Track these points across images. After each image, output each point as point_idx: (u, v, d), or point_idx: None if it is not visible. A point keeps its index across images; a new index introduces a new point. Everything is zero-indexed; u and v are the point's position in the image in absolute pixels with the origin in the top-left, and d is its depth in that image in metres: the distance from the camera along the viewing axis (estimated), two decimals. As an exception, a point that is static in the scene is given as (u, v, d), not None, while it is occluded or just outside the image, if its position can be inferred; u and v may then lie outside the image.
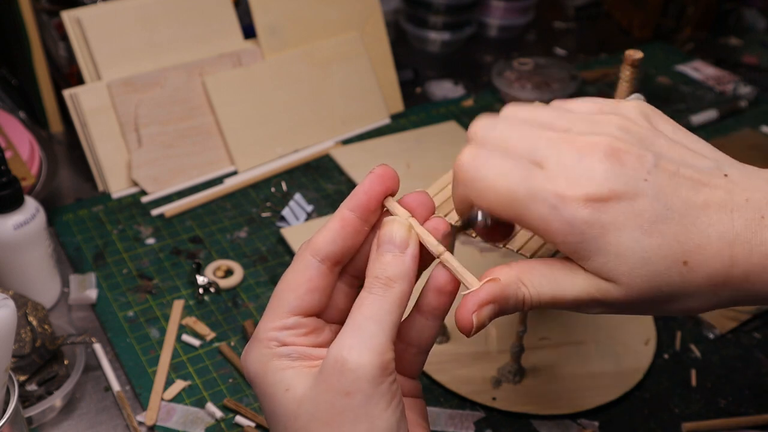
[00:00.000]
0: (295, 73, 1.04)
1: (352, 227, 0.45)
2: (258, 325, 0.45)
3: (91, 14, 0.94)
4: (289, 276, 0.45)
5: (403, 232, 0.44)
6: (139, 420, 0.70)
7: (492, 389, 0.74)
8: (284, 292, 0.45)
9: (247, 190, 0.97)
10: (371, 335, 0.41)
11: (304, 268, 0.45)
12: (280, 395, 0.42)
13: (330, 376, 0.40)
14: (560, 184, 0.41)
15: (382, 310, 0.42)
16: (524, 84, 1.17)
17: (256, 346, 0.44)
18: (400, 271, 0.43)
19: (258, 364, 0.44)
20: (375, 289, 0.42)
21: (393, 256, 0.43)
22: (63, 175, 0.98)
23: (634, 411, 0.74)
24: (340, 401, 0.40)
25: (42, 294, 0.79)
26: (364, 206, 0.45)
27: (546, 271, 0.44)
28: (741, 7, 1.42)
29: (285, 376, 0.42)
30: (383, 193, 0.45)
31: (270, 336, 0.44)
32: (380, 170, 0.46)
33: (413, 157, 1.02)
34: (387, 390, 0.41)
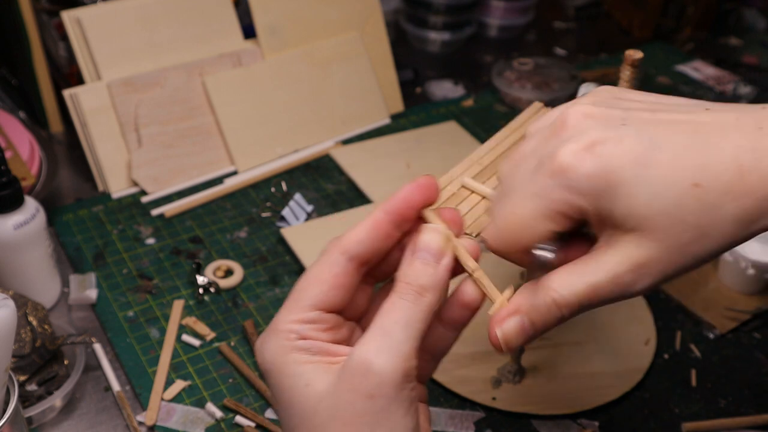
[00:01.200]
0: (295, 73, 1.04)
1: (384, 231, 0.45)
2: (277, 315, 0.45)
3: (91, 14, 0.94)
4: (315, 270, 0.45)
5: (442, 242, 0.44)
6: (139, 420, 0.70)
7: (492, 389, 0.74)
8: (309, 285, 0.44)
9: (247, 190, 0.97)
10: (399, 341, 0.41)
11: (332, 264, 0.44)
12: (300, 389, 0.42)
13: (353, 377, 0.41)
14: (551, 164, 0.42)
15: (412, 318, 0.42)
16: (524, 84, 1.17)
17: (274, 337, 0.44)
18: (434, 282, 0.43)
19: (275, 355, 0.43)
20: (407, 295, 0.42)
21: (427, 265, 0.43)
22: (63, 175, 0.98)
23: (634, 411, 0.74)
24: (362, 403, 0.40)
25: (42, 294, 0.79)
26: (400, 213, 0.45)
27: (571, 267, 0.44)
28: (741, 7, 1.42)
29: (305, 370, 0.42)
30: (422, 203, 0.45)
31: (290, 328, 0.44)
32: (424, 180, 0.46)
33: (413, 157, 1.02)
34: (407, 396, 0.41)
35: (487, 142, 0.73)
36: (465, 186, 0.68)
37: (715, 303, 0.85)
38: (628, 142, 0.41)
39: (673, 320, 0.83)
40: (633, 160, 0.40)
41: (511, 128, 0.75)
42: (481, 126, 1.11)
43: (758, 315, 0.84)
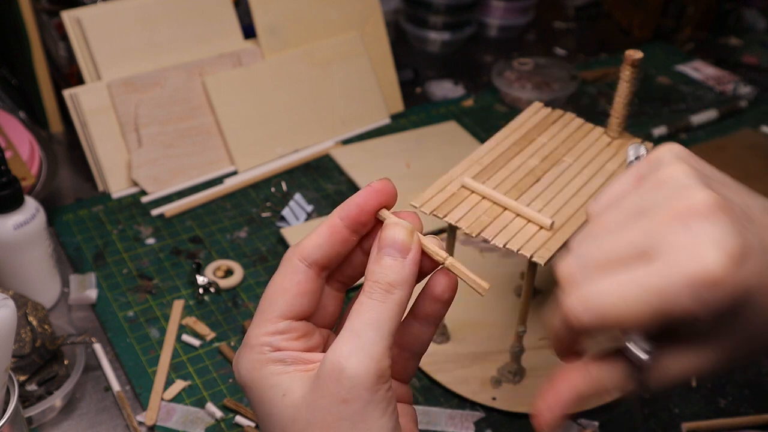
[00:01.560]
0: (295, 73, 1.04)
1: (340, 236, 0.45)
2: (248, 330, 0.45)
3: (91, 14, 0.94)
4: (277, 280, 0.45)
5: (406, 236, 0.43)
6: (139, 420, 0.70)
7: (492, 389, 0.74)
8: (273, 296, 0.44)
9: (247, 190, 0.97)
10: (370, 342, 0.41)
11: (292, 273, 0.44)
12: (278, 400, 0.42)
13: (327, 383, 0.40)
14: (688, 264, 0.36)
15: (381, 316, 0.41)
16: (524, 84, 1.17)
17: (248, 352, 0.44)
18: (401, 277, 0.42)
19: (252, 370, 0.43)
20: (375, 294, 0.42)
21: (394, 261, 0.43)
22: (63, 175, 0.98)
23: (634, 411, 0.74)
24: (337, 408, 0.40)
25: (42, 294, 0.79)
26: (355, 218, 0.45)
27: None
28: (741, 7, 1.42)
29: (281, 380, 0.42)
30: (376, 208, 0.45)
31: (262, 341, 0.43)
32: (379, 185, 0.45)
33: (413, 157, 1.02)
34: (383, 397, 0.41)
35: (487, 142, 0.73)
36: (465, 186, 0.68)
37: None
38: (760, 258, 0.37)
39: (673, 320, 0.83)
40: (761, 282, 0.37)
41: (511, 128, 0.75)
42: (481, 126, 1.11)
43: (758, 315, 0.84)
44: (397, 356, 0.47)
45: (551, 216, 0.64)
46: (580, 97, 1.20)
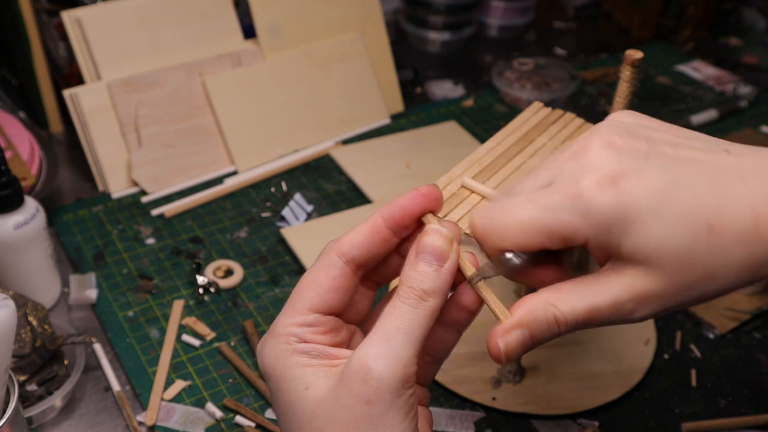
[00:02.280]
0: (295, 73, 1.04)
1: (381, 236, 0.45)
2: (276, 318, 0.45)
3: (91, 14, 0.94)
4: (313, 273, 0.45)
5: (445, 244, 0.44)
6: (139, 420, 0.70)
7: (492, 389, 0.74)
8: (307, 288, 0.44)
9: (247, 190, 0.97)
10: (399, 347, 0.41)
11: (329, 267, 0.45)
12: (300, 392, 0.42)
13: (352, 382, 0.41)
14: (570, 186, 0.42)
15: (413, 322, 0.42)
16: (524, 84, 1.17)
17: (273, 341, 0.44)
18: (437, 286, 0.43)
19: (276, 359, 0.43)
20: (408, 299, 0.42)
21: (431, 269, 0.43)
22: (63, 175, 0.98)
23: (634, 411, 0.74)
24: (360, 408, 0.40)
25: (42, 294, 0.79)
26: (398, 220, 0.45)
27: (574, 286, 0.44)
28: (741, 7, 1.42)
29: (305, 373, 0.42)
30: (420, 212, 0.45)
31: (289, 331, 0.44)
32: (425, 189, 0.46)
33: (413, 157, 1.02)
34: (406, 402, 0.41)
35: (487, 142, 0.73)
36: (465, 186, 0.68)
37: (715, 303, 0.85)
38: (650, 179, 0.41)
39: (673, 320, 0.83)
40: (653, 198, 0.41)
41: (511, 128, 0.75)
42: (481, 126, 1.11)
43: (758, 315, 0.84)
44: (420, 360, 0.47)
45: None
46: (580, 97, 1.20)
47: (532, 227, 0.43)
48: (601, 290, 0.43)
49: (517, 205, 0.43)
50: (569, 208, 0.42)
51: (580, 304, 0.43)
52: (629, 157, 0.42)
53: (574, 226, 0.42)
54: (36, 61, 0.98)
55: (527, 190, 0.44)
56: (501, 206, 0.44)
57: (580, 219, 0.41)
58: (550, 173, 0.44)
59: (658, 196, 0.41)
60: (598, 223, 0.41)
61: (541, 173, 0.44)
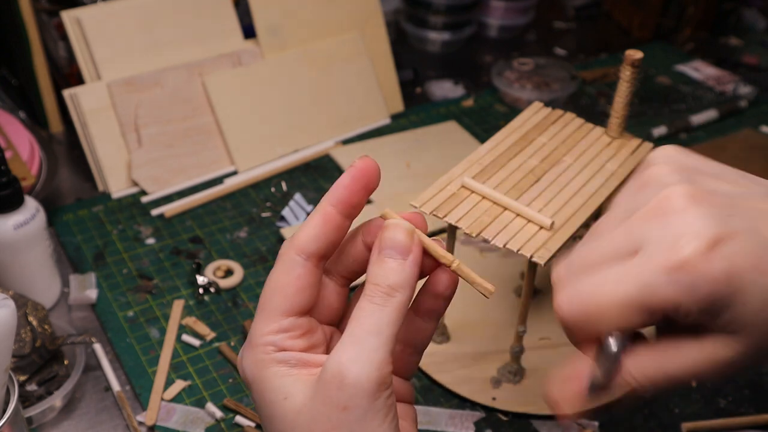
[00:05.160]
0: (295, 73, 1.04)
1: (333, 223, 0.44)
2: (252, 328, 0.44)
3: (91, 14, 0.94)
4: (275, 277, 0.44)
5: (406, 237, 0.42)
6: (139, 420, 0.70)
7: (492, 389, 0.74)
8: (274, 293, 0.44)
9: (247, 190, 0.97)
10: (371, 349, 0.40)
11: (291, 267, 0.43)
12: (280, 402, 0.42)
13: (328, 389, 0.40)
14: (666, 255, 0.38)
15: (382, 321, 0.41)
16: (524, 84, 1.17)
17: (252, 351, 0.43)
18: (402, 279, 0.42)
19: (255, 370, 0.43)
20: (375, 298, 0.41)
21: (395, 263, 0.42)
22: (63, 175, 0.98)
23: (634, 411, 0.74)
24: (337, 415, 0.40)
25: (42, 294, 0.79)
26: (345, 202, 0.44)
27: (647, 351, 0.42)
28: (741, 7, 1.42)
29: (284, 383, 0.42)
30: (364, 188, 0.44)
31: (266, 341, 0.43)
32: (361, 163, 0.44)
33: (413, 157, 1.02)
34: (383, 404, 0.41)
35: (487, 142, 0.73)
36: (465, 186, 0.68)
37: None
38: (747, 242, 0.38)
39: (673, 320, 0.83)
40: (753, 265, 0.38)
41: (511, 128, 0.75)
42: (481, 126, 1.11)
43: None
44: (399, 352, 0.46)
45: (551, 216, 0.64)
46: (580, 97, 1.20)
47: (631, 307, 0.39)
48: (678, 357, 0.41)
49: (609, 282, 0.40)
50: (672, 281, 0.38)
51: (654, 370, 0.42)
52: (721, 214, 0.39)
53: (679, 301, 0.38)
54: (36, 61, 0.98)
55: (607, 260, 0.41)
56: (587, 286, 0.41)
57: (685, 293, 0.38)
58: (631, 238, 0.41)
59: (754, 261, 0.38)
60: (705, 296, 0.38)
61: (618, 238, 0.41)
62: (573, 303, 0.41)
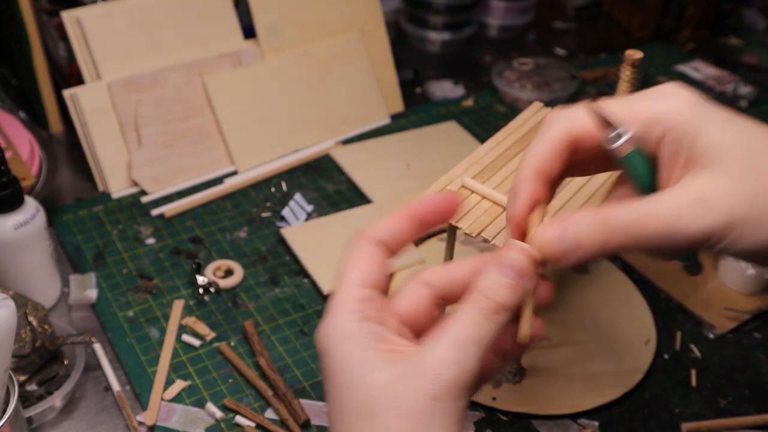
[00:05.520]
0: (295, 73, 1.04)
1: (404, 226, 0.47)
2: (334, 301, 0.45)
3: (91, 14, 0.94)
4: (350, 257, 0.46)
5: (527, 261, 0.44)
6: (139, 420, 0.70)
7: (492, 389, 0.74)
8: (353, 268, 0.46)
9: (247, 190, 0.97)
10: (470, 356, 0.42)
11: (364, 247, 0.46)
12: (363, 376, 0.43)
13: (421, 378, 0.42)
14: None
15: (484, 334, 0.42)
16: (524, 84, 1.17)
17: (336, 320, 0.44)
18: (512, 301, 0.43)
19: (338, 339, 0.44)
20: (485, 310, 0.43)
21: (510, 282, 0.43)
22: (63, 175, 0.98)
23: (634, 411, 0.74)
24: (424, 402, 0.42)
25: (42, 294, 0.79)
26: (422, 215, 0.47)
27: (628, 199, 0.45)
28: (741, 7, 1.42)
29: (370, 357, 0.43)
30: (444, 213, 0.47)
31: (353, 307, 0.44)
32: (450, 196, 0.47)
33: (413, 157, 1.02)
34: (463, 408, 0.42)
35: (487, 142, 0.73)
36: (465, 186, 0.68)
37: (715, 303, 0.85)
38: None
39: (673, 320, 0.83)
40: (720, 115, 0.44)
41: (511, 128, 0.75)
42: (481, 126, 1.11)
43: (758, 315, 0.84)
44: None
45: (551, 216, 0.64)
46: (580, 97, 1.20)
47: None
48: (659, 199, 0.43)
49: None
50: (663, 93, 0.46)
51: (634, 209, 0.43)
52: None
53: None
54: (36, 61, 0.98)
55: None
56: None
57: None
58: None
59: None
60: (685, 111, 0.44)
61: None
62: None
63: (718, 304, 0.84)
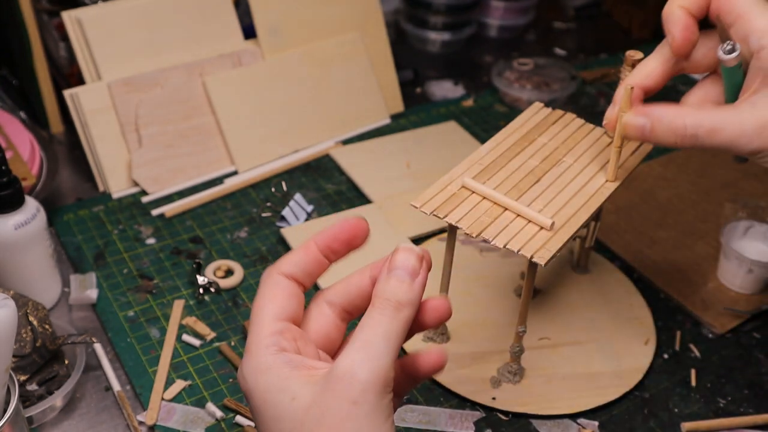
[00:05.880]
0: (295, 73, 1.04)
1: (313, 257, 0.49)
2: (249, 340, 0.47)
3: (91, 14, 0.94)
4: (262, 292, 0.48)
5: (416, 260, 0.47)
6: (139, 420, 0.70)
7: (492, 389, 0.74)
8: (263, 305, 0.47)
9: (247, 190, 0.97)
10: (381, 354, 0.44)
11: (276, 282, 0.48)
12: (287, 403, 0.44)
13: (338, 385, 0.43)
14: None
15: (391, 331, 0.45)
16: (524, 84, 1.17)
17: (252, 358, 0.46)
18: (410, 298, 0.46)
19: (258, 375, 0.45)
20: (386, 311, 0.45)
21: (403, 282, 0.46)
22: (63, 175, 0.98)
23: (634, 411, 0.74)
24: (347, 408, 0.43)
25: (42, 294, 0.79)
26: (327, 246, 0.49)
27: (706, 108, 0.58)
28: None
29: (289, 384, 0.44)
30: (347, 243, 0.49)
31: (267, 342, 0.46)
32: (353, 222, 0.50)
33: (413, 157, 1.02)
34: (387, 405, 0.44)
35: (487, 143, 0.73)
36: (465, 186, 0.68)
37: (714, 303, 0.85)
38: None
39: (673, 320, 0.83)
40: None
41: (512, 128, 0.75)
42: (481, 126, 1.11)
43: (758, 315, 0.84)
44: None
45: (551, 216, 0.65)
46: (580, 97, 1.20)
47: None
48: (729, 114, 0.55)
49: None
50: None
51: (706, 120, 0.55)
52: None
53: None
54: (36, 62, 0.98)
55: None
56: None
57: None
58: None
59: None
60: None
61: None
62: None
63: (718, 304, 0.84)
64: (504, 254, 0.86)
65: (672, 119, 0.57)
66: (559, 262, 0.87)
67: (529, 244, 0.63)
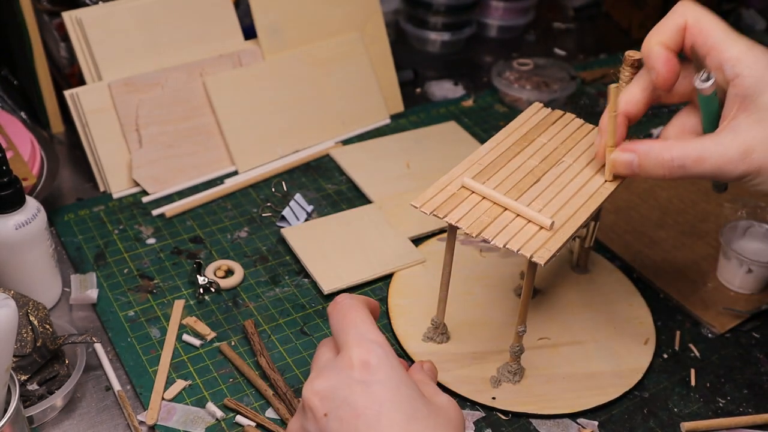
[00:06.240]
0: (295, 73, 1.04)
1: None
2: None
3: (91, 15, 0.94)
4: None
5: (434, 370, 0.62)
6: (139, 419, 0.70)
7: (492, 389, 0.74)
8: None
9: (248, 190, 0.97)
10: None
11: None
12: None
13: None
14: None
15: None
16: (524, 84, 1.17)
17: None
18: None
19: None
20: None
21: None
22: (64, 175, 0.99)
23: (634, 410, 0.74)
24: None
25: (43, 294, 0.79)
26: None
27: (687, 139, 0.62)
28: (740, 7, 1.42)
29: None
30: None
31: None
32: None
33: (413, 157, 1.02)
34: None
35: (487, 143, 0.73)
36: (465, 186, 0.68)
37: (714, 303, 0.85)
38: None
39: (673, 320, 0.83)
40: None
41: (511, 129, 0.75)
42: (481, 126, 1.11)
43: (757, 315, 0.84)
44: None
45: (551, 216, 0.65)
46: (580, 97, 1.20)
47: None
48: (713, 143, 0.58)
49: None
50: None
51: (692, 151, 0.58)
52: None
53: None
54: (37, 62, 0.98)
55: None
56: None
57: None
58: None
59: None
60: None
61: None
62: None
63: (717, 304, 0.85)
64: (504, 254, 0.86)
65: (659, 153, 0.60)
66: (558, 262, 0.87)
67: (528, 244, 0.63)
